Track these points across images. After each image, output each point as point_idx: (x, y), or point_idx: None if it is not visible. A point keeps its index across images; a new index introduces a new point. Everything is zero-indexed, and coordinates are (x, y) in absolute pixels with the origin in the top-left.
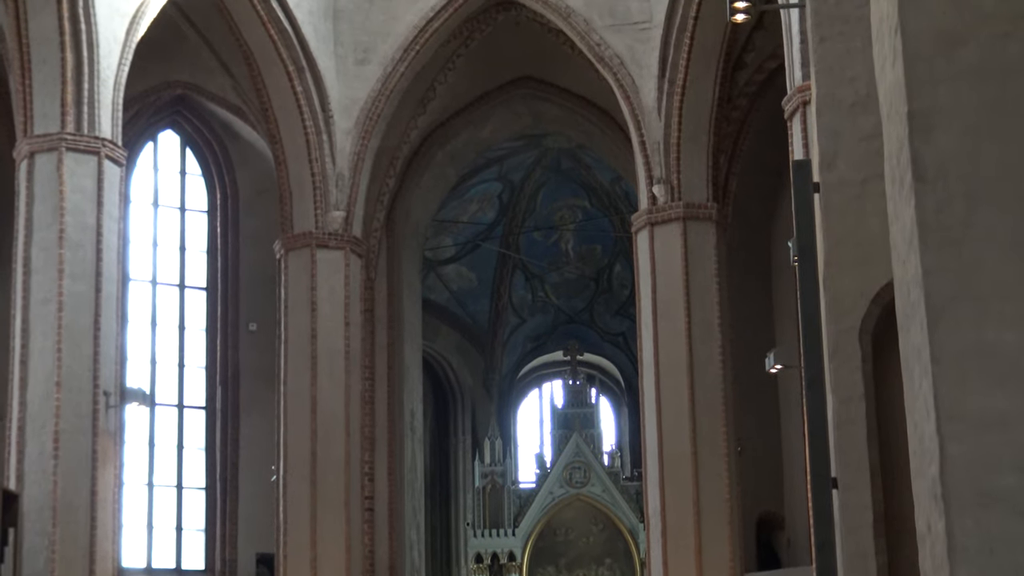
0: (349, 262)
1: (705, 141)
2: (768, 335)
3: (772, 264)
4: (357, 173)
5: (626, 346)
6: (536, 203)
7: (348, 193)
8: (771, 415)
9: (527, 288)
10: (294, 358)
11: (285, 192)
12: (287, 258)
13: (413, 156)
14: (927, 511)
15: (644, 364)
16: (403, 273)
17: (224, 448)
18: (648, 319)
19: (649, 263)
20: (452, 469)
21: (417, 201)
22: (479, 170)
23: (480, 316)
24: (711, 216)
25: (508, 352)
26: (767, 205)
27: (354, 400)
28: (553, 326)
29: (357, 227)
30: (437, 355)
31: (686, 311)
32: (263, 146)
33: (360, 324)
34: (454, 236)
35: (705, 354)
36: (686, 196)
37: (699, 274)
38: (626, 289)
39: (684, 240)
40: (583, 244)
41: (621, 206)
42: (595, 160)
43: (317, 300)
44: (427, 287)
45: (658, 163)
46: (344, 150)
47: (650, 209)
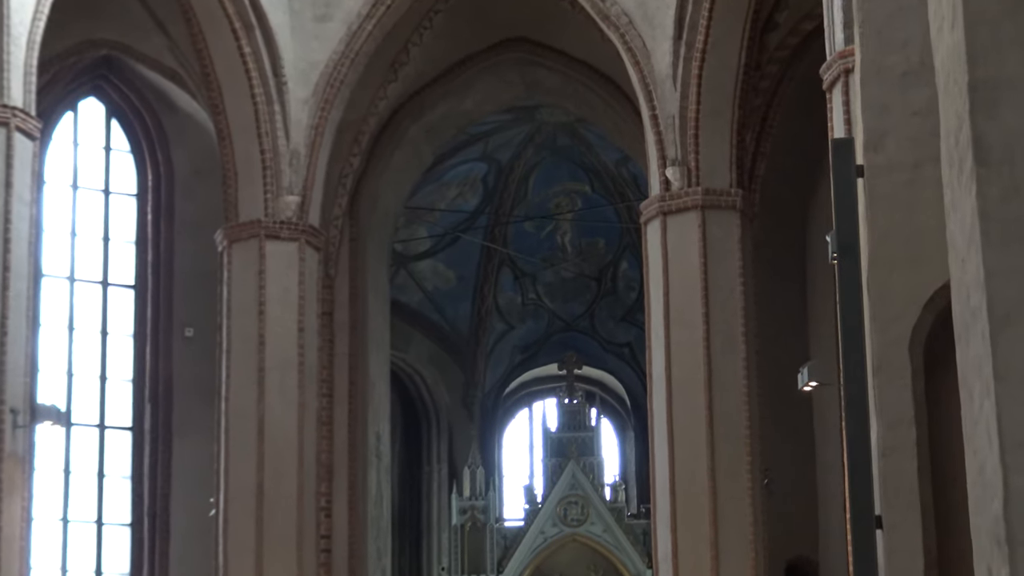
0: (304, 256)
1: (728, 116)
2: (801, 346)
3: (807, 262)
4: (315, 151)
5: (633, 359)
6: (527, 188)
7: (304, 174)
8: (804, 442)
9: (516, 289)
10: (238, 370)
11: (229, 173)
12: (231, 251)
13: (381, 131)
14: (987, 556)
15: (654, 380)
16: (369, 270)
17: (154, 477)
18: (659, 326)
19: (661, 260)
20: (425, 503)
21: (386, 185)
22: (460, 148)
23: (460, 322)
24: (735, 204)
25: (493, 365)
26: (802, 192)
27: (309, 421)
28: (546, 334)
29: (314, 215)
30: (408, 368)
31: (704, 317)
32: (204, 118)
33: (317, 330)
34: (430, 227)
35: (727, 369)
36: (705, 181)
37: (720, 273)
38: (633, 291)
39: (703, 233)
40: (583, 237)
41: (628, 192)
42: (598, 137)
43: (266, 301)
44: (397, 287)
45: (672, 141)
46: (300, 123)
47: (663, 196)
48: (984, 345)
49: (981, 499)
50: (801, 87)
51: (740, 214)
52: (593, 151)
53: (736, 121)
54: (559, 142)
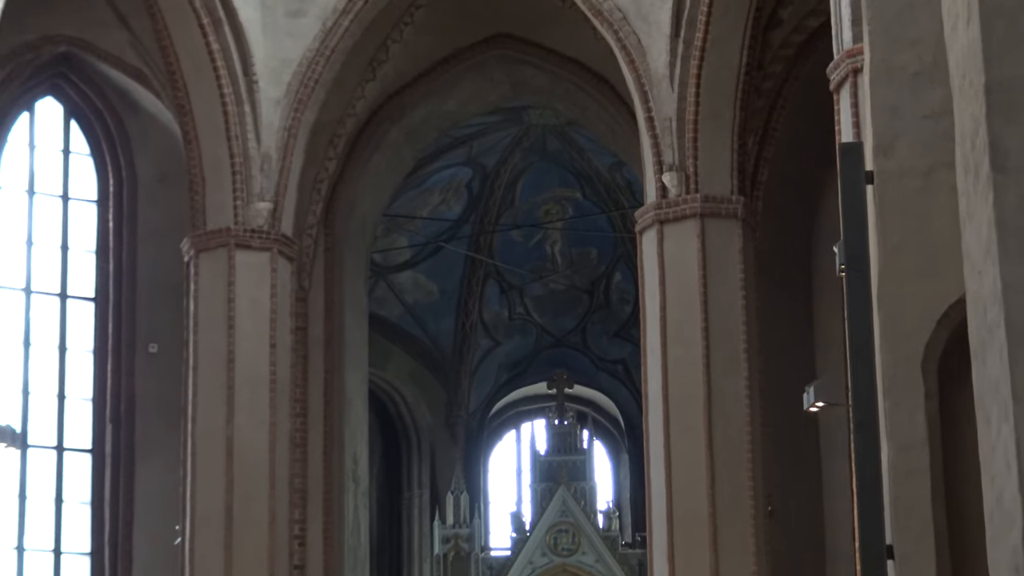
0: (277, 267)
1: (729, 118)
2: (807, 364)
3: (813, 274)
4: (288, 154)
5: (627, 377)
6: (515, 195)
7: (276, 180)
8: (810, 466)
9: (502, 302)
10: (205, 388)
11: (196, 178)
12: (198, 261)
13: (359, 134)
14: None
15: (650, 400)
16: (345, 282)
17: (115, 502)
18: (655, 343)
19: (657, 271)
20: (405, 531)
21: (364, 191)
22: (443, 152)
23: (443, 337)
24: (736, 213)
25: (478, 383)
26: (808, 199)
27: (281, 442)
28: (535, 351)
29: (287, 223)
30: (388, 386)
31: (703, 333)
32: (169, 119)
33: (290, 346)
34: (410, 236)
35: (728, 388)
36: (705, 187)
37: (721, 286)
38: (628, 305)
39: (702, 243)
40: (574, 247)
41: (622, 199)
42: (590, 141)
43: (236, 315)
44: (376, 300)
45: (669, 145)
46: (272, 125)
47: (659, 203)
48: (1002, 364)
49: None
50: (806, 88)
51: (741, 223)
52: (585, 155)
53: (737, 124)
54: (549, 146)
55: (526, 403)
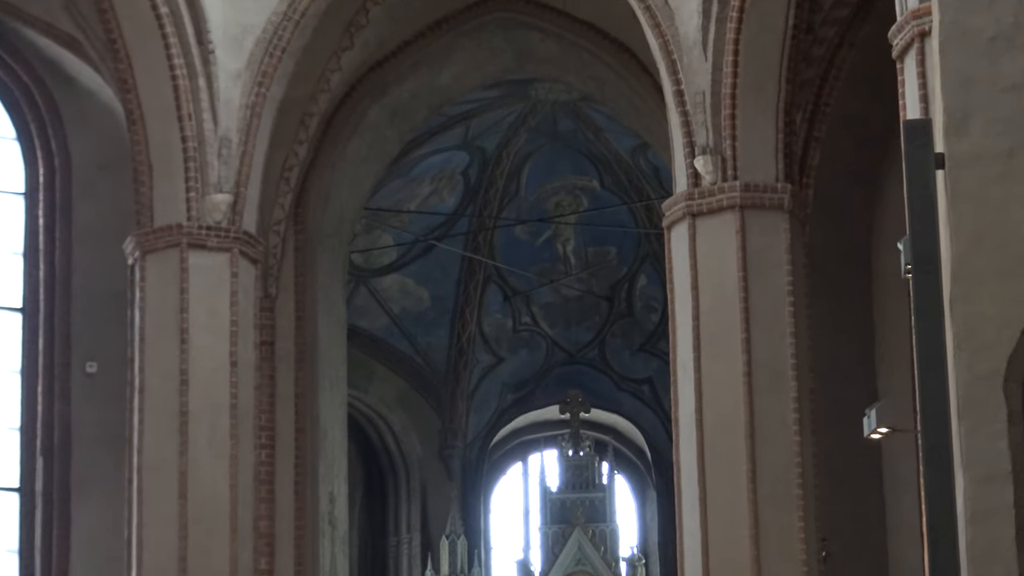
0: (238, 271)
1: (774, 92)
2: (868, 383)
3: (874, 277)
4: (250, 137)
5: (654, 399)
6: (519, 184)
7: (237, 167)
8: (871, 502)
9: (506, 311)
10: (154, 415)
11: (142, 166)
12: (144, 264)
13: (335, 113)
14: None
15: (681, 427)
16: (319, 288)
17: (47, 548)
18: (687, 358)
19: (689, 274)
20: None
21: (341, 180)
22: (434, 134)
23: (435, 353)
24: (782, 203)
25: (477, 407)
26: (867, 188)
27: (244, 478)
28: (545, 368)
29: (250, 218)
30: (370, 411)
31: (744, 346)
32: (110, 96)
33: (254, 364)
34: (396, 233)
35: (773, 412)
36: (745, 173)
37: (765, 291)
38: (654, 313)
39: (742, 240)
40: (590, 245)
41: (647, 188)
42: (608, 120)
43: (189, 328)
44: (356, 309)
45: (703, 124)
46: (231, 103)
47: (690, 193)
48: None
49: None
50: (865, 55)
51: (789, 216)
52: (602, 137)
53: (783, 98)
54: (559, 126)
55: (534, 430)
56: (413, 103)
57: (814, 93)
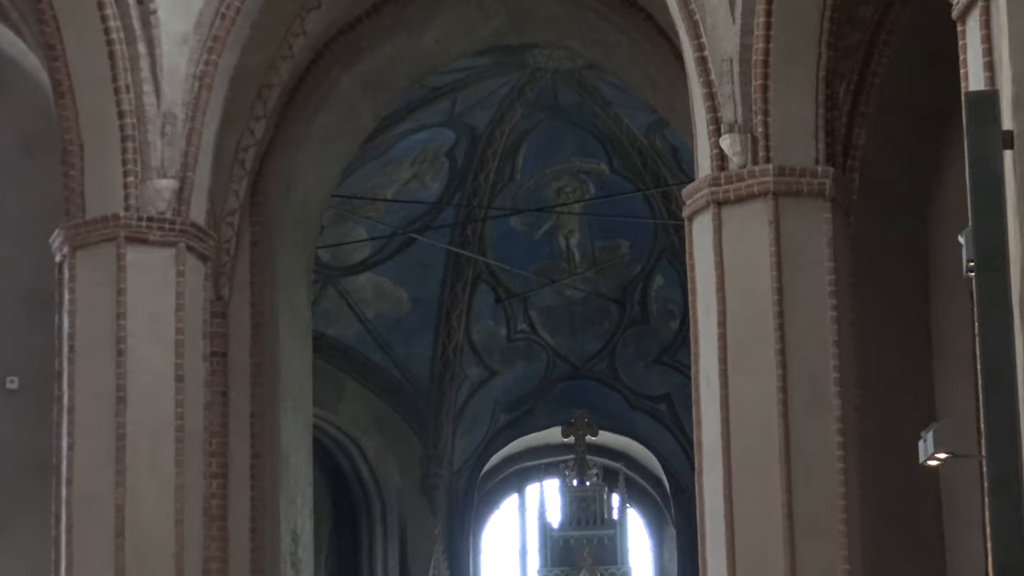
0: (184, 269)
1: (812, 59)
2: (924, 399)
3: (931, 274)
4: (199, 112)
5: (673, 420)
6: (514, 167)
7: (183, 148)
8: (928, 539)
9: (499, 316)
10: (86, 439)
11: (72, 146)
12: (74, 262)
13: (298, 84)
14: None
15: (705, 451)
16: (280, 289)
17: None
18: (712, 371)
19: (714, 272)
20: None
21: (305, 163)
22: (415, 108)
23: (416, 365)
24: (823, 190)
25: (465, 429)
26: (922, 171)
27: (192, 514)
28: (545, 384)
29: (199, 208)
30: (340, 434)
31: (779, 356)
32: (34, 65)
33: (203, 379)
34: (370, 225)
35: (813, 434)
36: (779, 155)
37: (802, 292)
38: (673, 319)
39: (775, 232)
40: (598, 239)
41: (664, 173)
42: (618, 92)
43: (127, 336)
44: (323, 314)
45: (730, 97)
46: (177, 72)
47: (716, 178)
48: None
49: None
50: (919, 16)
51: (830, 204)
52: (612, 112)
53: (824, 67)
54: (562, 99)
55: (532, 457)
56: (390, 72)
57: (860, 60)
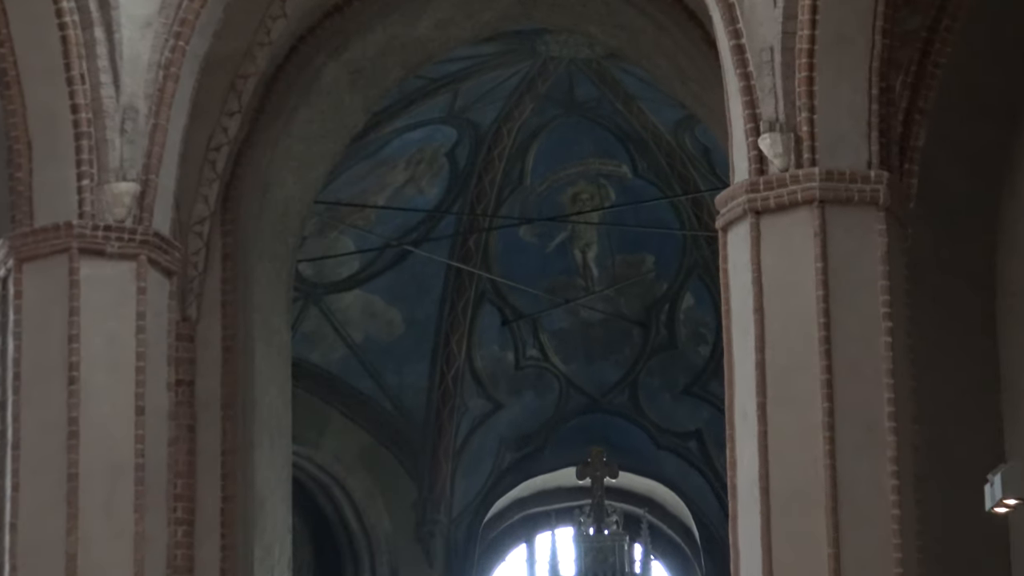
0: (146, 285)
1: (865, 46)
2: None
3: (999, 293)
4: (164, 107)
5: (704, 459)
6: (523, 169)
7: (146, 147)
8: None
9: (506, 341)
10: (33, 479)
11: (19, 144)
12: (20, 276)
13: (277, 73)
14: None
15: (740, 496)
16: (255, 308)
17: None
18: (749, 404)
19: (751, 291)
20: None
21: (285, 165)
22: (412, 103)
23: (410, 396)
24: (876, 197)
25: (466, 470)
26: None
27: (154, 563)
28: (557, 417)
29: (163, 216)
30: (323, 475)
31: (825, 388)
32: None
33: (167, 411)
34: (359, 235)
35: (863, 475)
36: (826, 157)
37: (852, 313)
38: (704, 344)
39: (822, 245)
40: (619, 252)
41: (695, 176)
42: (643, 85)
43: (80, 360)
44: (304, 337)
45: (770, 90)
46: (138, 61)
47: (754, 183)
48: None
49: None
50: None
51: (884, 213)
52: (635, 108)
53: (878, 56)
54: (578, 93)
55: (543, 501)
56: (382, 61)
57: (919, 49)
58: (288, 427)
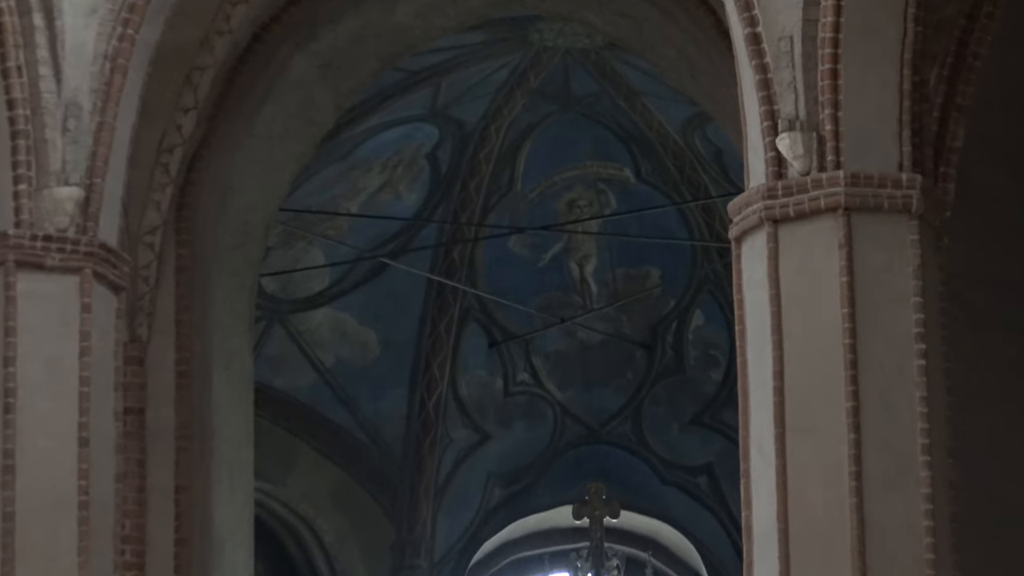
0: (91, 302)
1: (896, 36)
2: None
3: None
4: (111, 103)
5: (716, 496)
6: (514, 173)
7: (90, 148)
8: None
9: (494, 364)
10: None
11: None
12: None
13: (239, 65)
14: None
15: (756, 538)
16: (213, 328)
17: None
18: (765, 435)
19: (768, 309)
20: None
21: (247, 167)
22: (389, 98)
23: (387, 427)
24: (908, 204)
25: (450, 509)
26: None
27: None
28: (552, 450)
29: (110, 224)
30: (290, 515)
31: (851, 417)
32: None
33: (114, 443)
34: (330, 247)
35: (894, 515)
36: (852, 159)
37: (881, 334)
38: (716, 368)
39: (848, 258)
40: (620, 266)
41: (705, 181)
42: (648, 79)
43: (17, 388)
44: (268, 360)
45: (790, 85)
46: (83, 51)
47: (771, 188)
48: None
49: None
50: None
51: (918, 221)
52: (639, 104)
53: (910, 46)
54: (574, 87)
55: (536, 543)
56: (356, 52)
57: (956, 39)
58: (250, 461)
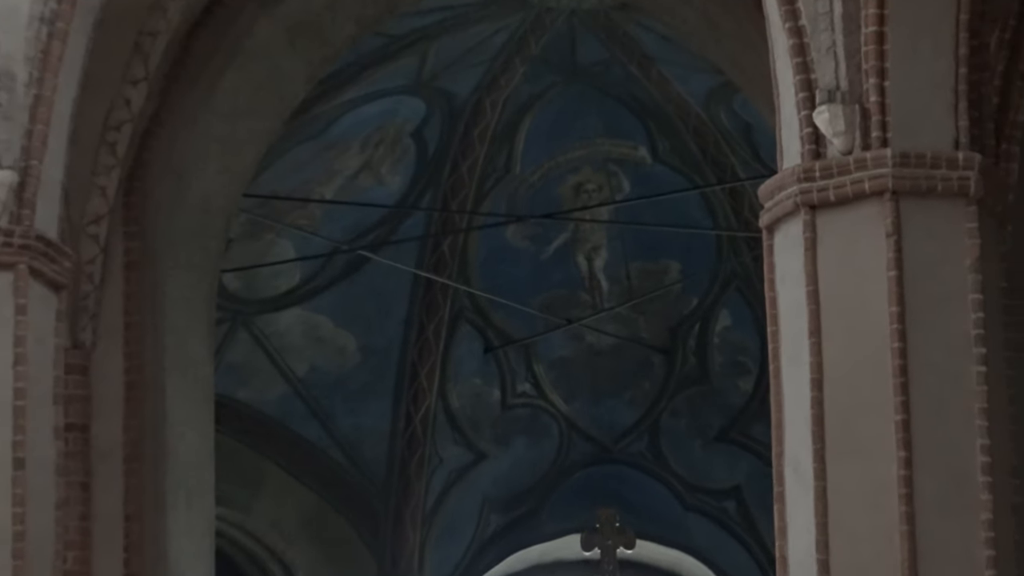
0: (27, 303)
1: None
2: None
3: None
4: (49, 72)
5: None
6: (513, 153)
7: (26, 125)
8: None
9: (489, 372)
10: None
11: None
12: None
13: (194, 31)
14: None
15: (791, 569)
16: (167, 332)
17: None
18: (803, 453)
19: (806, 307)
20: None
21: (206, 147)
22: (367, 67)
23: (368, 443)
24: (964, 187)
25: (441, 538)
26: None
27: None
28: (557, 471)
29: (48, 213)
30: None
31: (901, 431)
32: None
33: (54, 464)
34: (301, 239)
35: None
36: (901, 136)
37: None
38: (746, 376)
39: (896, 248)
40: (635, 259)
41: (731, 161)
42: (666, 45)
43: None
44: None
45: (829, 51)
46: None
47: (808, 169)
48: None
49: None
50: None
51: (976, 207)
52: (655, 73)
53: (968, 6)
54: (581, 55)
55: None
56: (330, 15)
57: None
58: (211, 484)
